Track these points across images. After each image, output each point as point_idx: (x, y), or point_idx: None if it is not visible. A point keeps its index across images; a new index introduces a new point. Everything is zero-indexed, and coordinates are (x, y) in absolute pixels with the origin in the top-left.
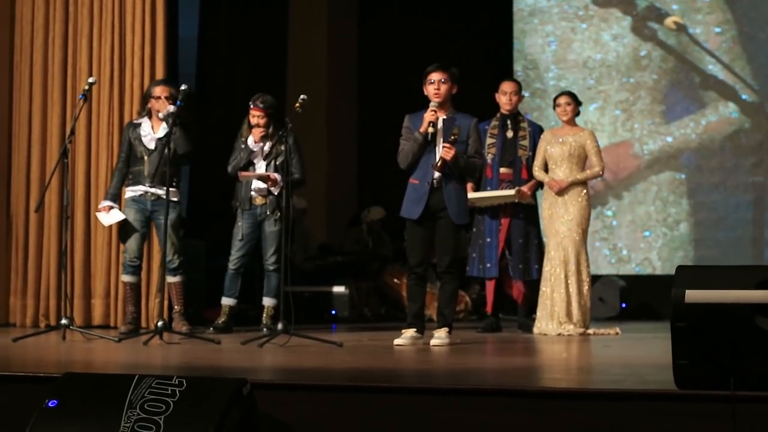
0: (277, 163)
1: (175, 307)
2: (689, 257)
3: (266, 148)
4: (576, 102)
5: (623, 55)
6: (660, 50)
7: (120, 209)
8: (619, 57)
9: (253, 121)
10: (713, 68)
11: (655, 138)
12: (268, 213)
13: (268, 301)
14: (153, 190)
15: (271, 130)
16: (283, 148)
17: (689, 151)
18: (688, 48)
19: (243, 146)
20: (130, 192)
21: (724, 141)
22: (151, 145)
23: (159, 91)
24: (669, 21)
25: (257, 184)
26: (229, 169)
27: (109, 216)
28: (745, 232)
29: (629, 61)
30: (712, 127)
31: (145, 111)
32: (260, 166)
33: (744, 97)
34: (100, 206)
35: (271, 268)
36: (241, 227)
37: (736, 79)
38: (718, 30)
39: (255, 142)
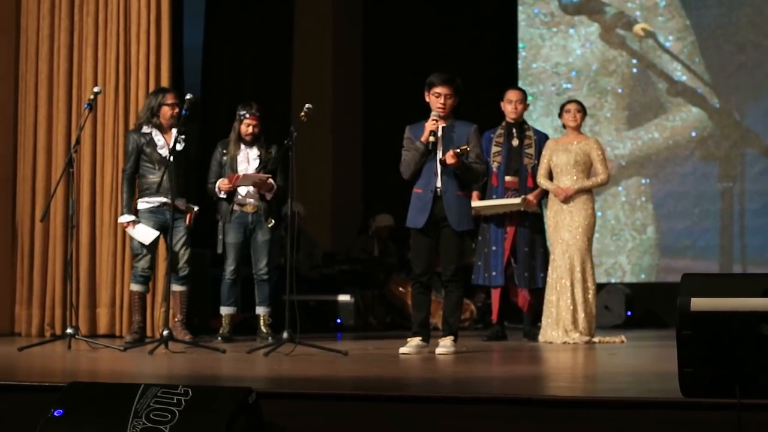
0: (267, 169)
1: (177, 315)
2: (656, 264)
3: (252, 154)
4: (584, 110)
5: (591, 61)
6: (626, 56)
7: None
8: (587, 62)
9: (249, 130)
10: (680, 74)
11: (623, 142)
12: (262, 220)
13: (262, 310)
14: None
15: (262, 137)
16: (272, 153)
17: (658, 157)
18: (655, 54)
19: (224, 162)
20: (144, 203)
21: (693, 148)
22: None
23: (172, 98)
24: (637, 28)
25: (248, 189)
26: (212, 187)
27: (142, 232)
28: (713, 240)
29: (597, 67)
30: (679, 133)
31: (155, 119)
32: (245, 170)
33: (711, 104)
34: (124, 221)
35: (265, 277)
36: (222, 241)
37: (703, 85)
38: (678, 35)
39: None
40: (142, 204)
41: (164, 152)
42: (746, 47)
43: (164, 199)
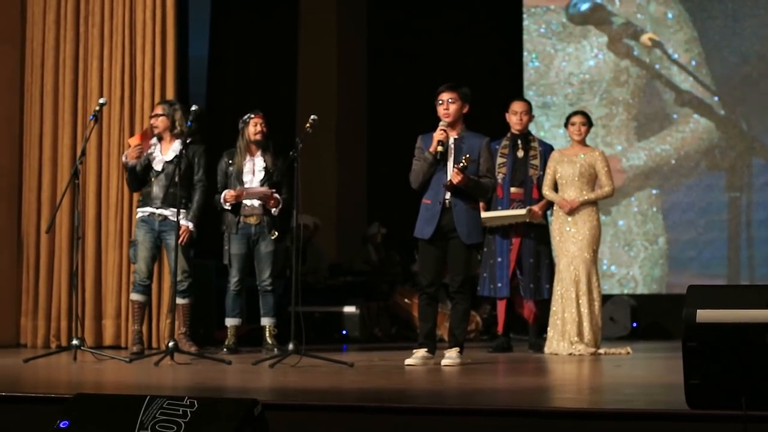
0: (272, 181)
1: (181, 328)
2: (665, 275)
3: (258, 165)
4: (589, 122)
5: (604, 72)
6: (636, 66)
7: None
8: (599, 73)
9: (257, 128)
10: (687, 85)
11: (633, 153)
12: (265, 231)
13: (267, 321)
14: (160, 211)
15: (270, 144)
16: (278, 165)
17: (665, 167)
18: (662, 64)
19: (230, 172)
20: (139, 213)
21: (700, 158)
22: (159, 167)
23: (156, 109)
24: (645, 38)
25: (252, 202)
26: (218, 197)
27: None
28: (720, 251)
29: (609, 77)
30: (687, 144)
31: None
32: (251, 181)
33: (718, 113)
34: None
35: (269, 288)
36: (228, 251)
37: (710, 96)
38: (687, 46)
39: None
40: (138, 213)
41: (154, 163)
42: (751, 58)
43: (153, 209)
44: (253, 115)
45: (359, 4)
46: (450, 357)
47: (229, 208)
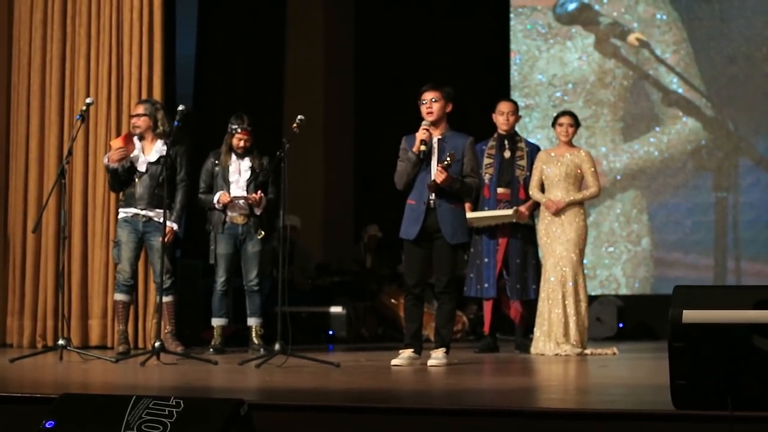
0: (259, 181)
1: (167, 326)
2: (650, 275)
3: (244, 165)
4: (577, 123)
5: (588, 73)
6: (623, 67)
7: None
8: (583, 74)
9: (240, 144)
10: (674, 85)
11: (618, 155)
12: (251, 231)
13: (254, 321)
14: (144, 212)
15: (255, 149)
16: (264, 165)
17: (652, 168)
18: (649, 65)
19: (216, 172)
20: (122, 213)
21: (686, 158)
22: (142, 168)
23: (136, 109)
24: (632, 38)
25: (239, 202)
26: (204, 197)
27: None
28: (707, 251)
29: (593, 79)
30: (674, 144)
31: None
32: (237, 181)
33: (705, 114)
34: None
35: (255, 288)
36: (214, 251)
37: (697, 96)
38: (675, 48)
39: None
40: (120, 214)
41: (137, 163)
42: (738, 59)
43: (137, 210)
44: (239, 130)
45: (347, 5)
46: (436, 357)
47: (221, 208)
